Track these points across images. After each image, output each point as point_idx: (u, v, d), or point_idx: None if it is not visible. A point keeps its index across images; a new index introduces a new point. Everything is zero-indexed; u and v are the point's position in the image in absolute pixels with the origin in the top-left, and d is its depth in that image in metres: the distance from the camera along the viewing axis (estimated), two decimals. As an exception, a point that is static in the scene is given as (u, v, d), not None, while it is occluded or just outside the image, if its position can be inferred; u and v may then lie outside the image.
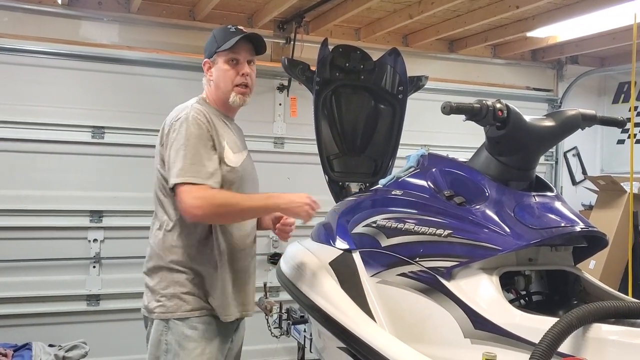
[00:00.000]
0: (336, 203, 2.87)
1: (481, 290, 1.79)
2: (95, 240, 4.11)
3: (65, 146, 4.04)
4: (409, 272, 2.01)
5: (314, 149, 3.02)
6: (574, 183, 5.69)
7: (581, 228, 1.83)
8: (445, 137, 4.95)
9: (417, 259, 1.98)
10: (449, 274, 1.87)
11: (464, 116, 1.89)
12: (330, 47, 2.97)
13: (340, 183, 3.02)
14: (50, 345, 3.54)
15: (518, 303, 1.94)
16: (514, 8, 3.87)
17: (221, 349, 2.18)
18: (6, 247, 3.92)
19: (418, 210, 2.09)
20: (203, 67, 2.27)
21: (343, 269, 2.33)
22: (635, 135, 5.01)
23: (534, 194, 1.91)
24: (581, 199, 5.57)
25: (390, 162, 3.08)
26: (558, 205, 1.91)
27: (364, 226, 2.32)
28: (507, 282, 1.93)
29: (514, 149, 1.94)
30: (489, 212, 1.87)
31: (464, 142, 4.44)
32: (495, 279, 1.80)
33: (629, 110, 5.03)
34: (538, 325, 1.54)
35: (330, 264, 2.40)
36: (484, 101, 1.87)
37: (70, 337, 3.68)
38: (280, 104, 4.65)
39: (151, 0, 4.16)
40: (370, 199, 2.49)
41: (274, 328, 3.24)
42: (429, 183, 2.14)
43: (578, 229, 1.83)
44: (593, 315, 1.49)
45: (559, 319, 1.46)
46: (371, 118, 3.08)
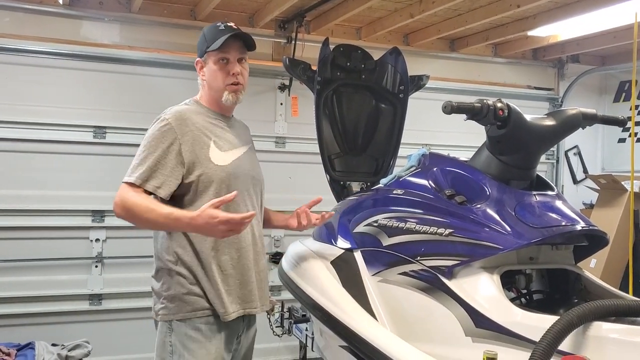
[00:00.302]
0: (337, 202, 2.88)
1: (482, 288, 1.80)
2: (97, 240, 4.11)
3: (67, 146, 4.05)
4: (410, 271, 2.01)
5: (315, 148, 3.02)
6: (575, 182, 5.68)
7: (582, 227, 1.84)
8: (447, 137, 4.95)
9: (419, 258, 1.99)
10: (450, 272, 1.87)
11: (465, 115, 1.90)
12: (331, 47, 2.97)
13: (342, 182, 3.02)
14: (53, 345, 3.55)
15: (519, 301, 1.95)
16: (515, 7, 3.86)
17: (226, 349, 2.14)
18: (9, 247, 3.92)
19: (419, 209, 2.09)
20: (196, 67, 2.26)
21: (345, 268, 2.34)
22: (636, 134, 4.99)
23: (534, 193, 1.92)
24: (582, 197, 5.56)
25: (391, 162, 3.08)
26: (559, 204, 1.91)
27: (366, 225, 2.32)
28: (508, 281, 1.93)
29: (515, 148, 1.94)
30: (490, 211, 1.87)
31: (465, 142, 4.46)
32: (497, 278, 1.81)
33: (630, 109, 5.02)
34: (539, 323, 1.54)
35: (332, 263, 2.41)
36: (485, 100, 1.87)
37: (73, 337, 3.69)
38: (281, 104, 4.64)
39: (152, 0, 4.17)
40: (372, 198, 2.49)
41: (276, 327, 3.25)
42: (430, 182, 2.14)
43: (579, 227, 1.83)
44: (593, 313, 1.49)
45: (559, 318, 1.47)
46: (372, 117, 3.08)
